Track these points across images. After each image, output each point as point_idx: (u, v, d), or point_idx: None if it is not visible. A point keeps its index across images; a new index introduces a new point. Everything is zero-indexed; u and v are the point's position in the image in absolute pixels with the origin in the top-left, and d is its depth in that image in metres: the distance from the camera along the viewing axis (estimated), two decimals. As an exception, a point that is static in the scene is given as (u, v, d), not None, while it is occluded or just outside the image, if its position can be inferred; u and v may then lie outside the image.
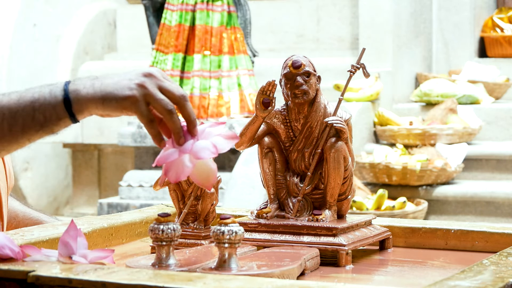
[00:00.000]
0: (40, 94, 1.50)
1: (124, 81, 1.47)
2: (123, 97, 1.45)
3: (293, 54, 1.75)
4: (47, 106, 1.49)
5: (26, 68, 7.03)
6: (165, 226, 1.46)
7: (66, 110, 1.49)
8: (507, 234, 1.77)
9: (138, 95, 1.45)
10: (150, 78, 1.47)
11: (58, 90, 1.50)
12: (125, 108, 1.46)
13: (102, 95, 1.47)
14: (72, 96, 1.48)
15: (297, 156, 1.74)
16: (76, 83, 1.50)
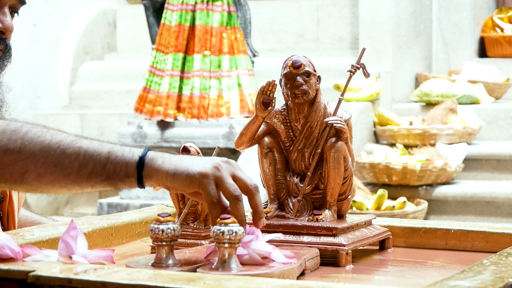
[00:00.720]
0: (120, 148, 1.53)
1: (201, 161, 1.51)
2: (195, 172, 1.48)
3: (293, 54, 1.75)
4: (121, 160, 1.51)
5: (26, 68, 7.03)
6: (165, 226, 1.46)
7: (136, 171, 1.51)
8: (507, 234, 1.77)
9: (210, 173, 1.48)
10: (227, 164, 1.51)
11: (137, 151, 1.53)
12: (194, 183, 1.49)
13: (176, 168, 1.49)
14: (147, 161, 1.51)
15: (297, 156, 1.74)
16: (156, 152, 1.53)
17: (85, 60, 7.49)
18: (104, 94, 7.13)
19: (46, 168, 1.51)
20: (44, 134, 1.52)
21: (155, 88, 5.77)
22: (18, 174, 1.52)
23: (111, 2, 7.78)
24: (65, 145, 1.52)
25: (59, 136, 1.52)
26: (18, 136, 1.52)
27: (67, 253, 1.43)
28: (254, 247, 1.48)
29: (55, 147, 1.51)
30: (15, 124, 1.54)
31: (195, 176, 1.48)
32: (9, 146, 1.51)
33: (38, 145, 1.51)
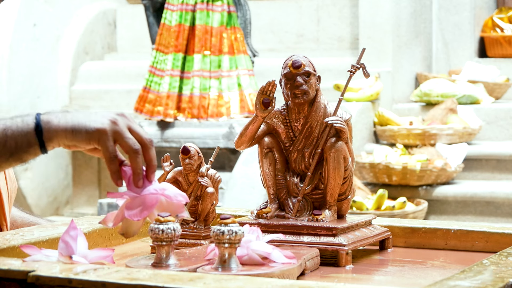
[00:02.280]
0: (13, 122, 1.53)
1: (96, 116, 1.51)
2: (93, 129, 1.49)
3: (293, 54, 1.75)
4: (19, 133, 1.52)
5: (26, 68, 7.03)
6: (165, 226, 1.46)
7: (36, 138, 1.51)
8: (507, 234, 1.77)
9: (108, 129, 1.49)
10: (122, 117, 1.51)
11: (30, 118, 1.53)
12: (93, 139, 1.49)
13: (73, 125, 1.50)
14: (43, 124, 1.52)
15: (297, 156, 1.74)
16: (49, 114, 1.54)
17: (85, 60, 7.49)
18: (104, 94, 7.13)
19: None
20: None
21: (155, 88, 5.77)
22: None
23: (111, 2, 7.78)
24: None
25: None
26: None
27: (67, 253, 1.43)
28: (254, 247, 1.48)
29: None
30: None
31: (93, 133, 1.49)
32: None
33: None
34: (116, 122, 1.50)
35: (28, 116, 1.53)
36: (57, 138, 1.52)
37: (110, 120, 1.50)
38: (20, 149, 1.52)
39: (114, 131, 1.49)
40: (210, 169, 1.76)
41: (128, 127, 1.51)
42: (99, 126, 1.49)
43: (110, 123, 1.50)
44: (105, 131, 1.49)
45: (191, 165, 1.74)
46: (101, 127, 1.49)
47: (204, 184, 1.74)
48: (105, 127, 1.49)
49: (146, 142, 1.52)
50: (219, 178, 1.76)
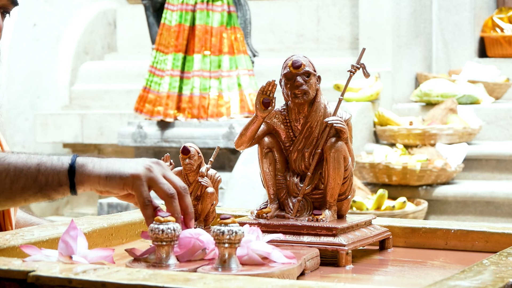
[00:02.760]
0: (48, 159, 1.54)
1: (131, 163, 1.53)
2: (127, 174, 1.51)
3: (293, 54, 1.75)
4: (51, 170, 1.53)
5: (26, 68, 7.03)
6: (165, 226, 1.46)
7: (68, 178, 1.52)
8: (507, 234, 1.77)
9: (142, 175, 1.50)
10: (157, 165, 1.53)
11: (66, 158, 1.54)
12: (127, 185, 1.51)
13: (108, 172, 1.52)
14: (78, 167, 1.53)
15: (297, 156, 1.74)
16: (85, 158, 1.55)
17: (85, 60, 7.49)
18: (104, 94, 7.13)
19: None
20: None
21: (155, 88, 5.77)
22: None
23: (111, 2, 7.78)
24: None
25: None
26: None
27: (67, 253, 1.43)
28: (254, 247, 1.48)
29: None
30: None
31: (128, 178, 1.50)
32: None
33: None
34: (151, 169, 1.52)
35: (65, 156, 1.54)
36: (89, 183, 1.53)
37: (144, 166, 1.52)
38: (50, 186, 1.53)
39: (148, 177, 1.51)
40: (210, 169, 1.76)
41: (163, 175, 1.53)
42: (133, 172, 1.51)
43: (145, 169, 1.51)
44: (139, 177, 1.50)
45: (191, 165, 1.74)
46: (135, 172, 1.51)
47: (204, 184, 1.74)
48: (140, 173, 1.51)
49: (180, 190, 1.54)
50: (219, 178, 1.76)
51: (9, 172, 1.53)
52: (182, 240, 1.50)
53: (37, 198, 1.54)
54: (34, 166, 1.53)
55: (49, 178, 1.53)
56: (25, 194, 1.54)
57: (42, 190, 1.53)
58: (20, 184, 1.53)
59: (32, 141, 6.98)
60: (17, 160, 1.53)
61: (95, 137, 6.85)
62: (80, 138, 6.89)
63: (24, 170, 1.53)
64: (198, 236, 1.52)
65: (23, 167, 1.53)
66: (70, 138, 6.89)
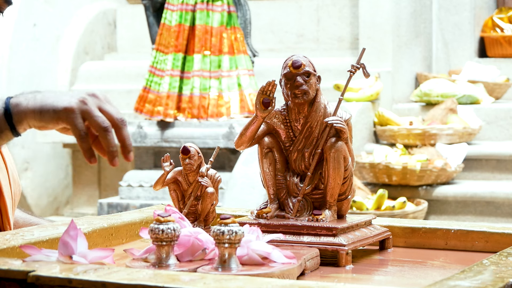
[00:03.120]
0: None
1: (66, 96, 1.49)
2: (61, 108, 1.47)
3: (293, 54, 1.75)
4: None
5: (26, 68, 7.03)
6: (165, 226, 1.46)
7: (6, 122, 1.50)
8: (507, 234, 1.77)
9: (76, 107, 1.47)
10: (93, 97, 1.49)
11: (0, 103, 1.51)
12: (61, 119, 1.48)
13: (41, 105, 1.49)
14: (12, 107, 1.50)
15: (297, 156, 1.74)
16: (18, 96, 1.52)
17: (85, 60, 7.49)
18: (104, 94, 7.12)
19: None
20: None
21: (155, 88, 5.77)
22: None
23: (111, 2, 7.78)
24: None
25: None
26: None
27: (67, 253, 1.43)
28: (254, 247, 1.48)
29: None
30: None
31: (61, 111, 1.47)
32: None
33: None
34: (85, 101, 1.48)
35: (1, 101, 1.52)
36: (26, 120, 1.50)
37: (79, 99, 1.48)
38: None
39: (82, 110, 1.47)
40: (210, 169, 1.76)
41: (98, 107, 1.49)
42: (66, 105, 1.47)
43: (79, 102, 1.48)
44: (72, 110, 1.47)
45: (191, 165, 1.74)
46: (68, 105, 1.47)
47: (204, 184, 1.73)
48: (73, 106, 1.47)
49: (117, 122, 1.49)
50: (219, 178, 1.76)
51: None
52: (181, 239, 1.50)
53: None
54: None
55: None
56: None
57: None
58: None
59: (32, 141, 6.99)
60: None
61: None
62: (80, 138, 6.87)
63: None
64: (197, 235, 1.52)
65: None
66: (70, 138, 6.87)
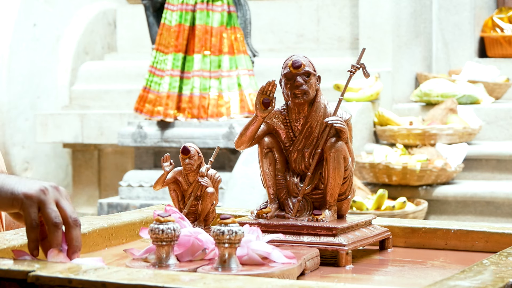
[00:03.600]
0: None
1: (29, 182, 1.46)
2: (20, 192, 1.44)
3: (293, 54, 1.75)
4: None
5: (26, 68, 7.03)
6: (165, 226, 1.46)
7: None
8: (507, 234, 1.77)
9: (34, 195, 1.43)
10: (54, 190, 1.46)
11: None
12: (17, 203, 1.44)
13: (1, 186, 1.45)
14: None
15: (297, 156, 1.74)
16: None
17: (85, 60, 7.49)
18: (104, 94, 7.13)
19: None
20: None
21: (155, 88, 5.77)
22: None
23: (111, 2, 7.78)
24: None
25: None
26: None
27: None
28: (254, 247, 1.48)
29: None
30: None
31: (18, 196, 1.44)
32: None
33: None
34: (45, 192, 1.44)
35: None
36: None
37: (40, 188, 1.44)
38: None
39: (39, 199, 1.43)
40: (210, 169, 1.76)
41: (56, 201, 1.45)
42: (26, 191, 1.44)
43: (39, 191, 1.44)
44: (30, 197, 1.43)
45: (191, 165, 1.74)
46: (27, 192, 1.43)
47: (204, 184, 1.73)
48: (32, 193, 1.43)
49: (69, 221, 1.45)
50: (219, 178, 1.76)
51: None
52: (181, 239, 1.50)
53: None
54: None
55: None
56: None
57: None
58: None
59: (32, 141, 6.99)
60: None
61: (95, 137, 6.85)
62: (80, 138, 6.89)
63: None
64: (197, 235, 1.52)
65: None
66: (70, 138, 6.89)
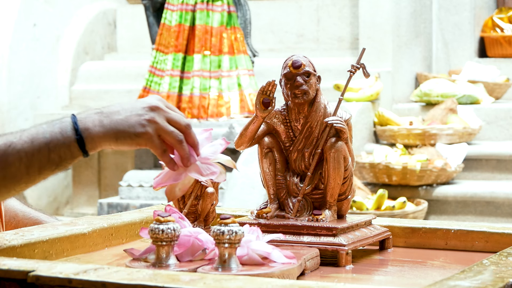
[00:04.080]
0: (52, 135, 1.55)
1: (133, 118, 1.55)
2: (137, 134, 1.54)
3: (293, 54, 1.75)
4: (61, 146, 1.55)
5: (26, 68, 7.03)
6: (165, 226, 1.46)
7: (80, 149, 1.55)
8: (507, 234, 1.77)
9: (151, 131, 1.55)
10: (158, 112, 1.56)
11: (68, 129, 1.55)
12: (140, 144, 1.56)
13: (115, 133, 1.55)
14: (85, 135, 1.55)
15: (297, 156, 1.74)
16: (84, 119, 1.56)
17: (85, 60, 7.49)
18: (104, 94, 7.13)
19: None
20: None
21: (155, 88, 5.77)
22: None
23: (111, 2, 7.78)
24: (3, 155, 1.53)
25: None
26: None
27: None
28: (254, 247, 1.48)
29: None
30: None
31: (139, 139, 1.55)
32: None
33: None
34: (155, 120, 1.55)
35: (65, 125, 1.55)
36: (101, 146, 1.56)
37: (148, 120, 1.55)
38: (65, 160, 1.56)
39: (156, 130, 1.55)
40: (210, 169, 1.76)
41: (167, 119, 1.56)
42: (141, 131, 1.54)
43: (150, 124, 1.55)
44: (149, 135, 1.54)
45: (191, 165, 1.74)
46: (143, 131, 1.54)
47: (204, 184, 1.73)
48: (148, 130, 1.54)
49: (185, 129, 1.58)
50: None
51: (21, 159, 1.54)
52: (181, 239, 1.50)
53: (54, 173, 1.57)
54: (43, 147, 1.54)
55: (61, 154, 1.55)
56: (43, 174, 1.56)
57: (58, 166, 1.56)
58: (36, 167, 1.54)
59: (32, 141, 6.98)
60: (24, 145, 1.54)
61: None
62: (80, 138, 6.87)
63: (35, 153, 1.54)
64: (197, 235, 1.52)
65: (33, 151, 1.54)
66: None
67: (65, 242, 1.69)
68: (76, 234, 1.72)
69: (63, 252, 1.69)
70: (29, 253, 1.61)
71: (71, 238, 1.71)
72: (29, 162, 1.54)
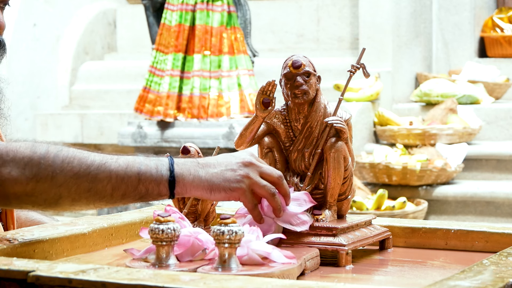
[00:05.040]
0: (147, 168, 1.59)
1: (228, 173, 1.60)
2: (232, 189, 1.60)
3: (293, 54, 1.75)
4: (151, 181, 1.58)
5: (26, 68, 7.03)
6: (165, 226, 1.46)
7: (169, 190, 1.59)
8: (507, 234, 1.77)
9: (245, 187, 1.60)
10: (252, 167, 1.61)
11: (164, 168, 1.59)
12: (233, 197, 1.62)
13: (210, 185, 1.59)
14: (178, 180, 1.58)
15: (297, 156, 1.74)
16: (181, 166, 1.60)
17: (85, 60, 7.49)
18: (104, 94, 7.13)
19: (80, 194, 1.57)
20: (72, 161, 1.56)
21: (155, 88, 5.77)
22: (52, 200, 1.57)
23: (111, 2, 7.78)
24: (95, 170, 1.57)
25: (87, 161, 1.57)
26: (47, 163, 1.56)
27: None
28: (254, 247, 1.48)
29: (86, 173, 1.56)
30: (39, 149, 1.57)
31: (233, 194, 1.60)
32: (41, 175, 1.55)
33: (69, 173, 1.56)
34: (249, 176, 1.60)
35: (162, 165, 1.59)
36: (191, 193, 1.60)
37: (243, 176, 1.59)
38: (150, 195, 1.59)
39: (250, 185, 1.60)
40: (210, 169, 1.76)
41: (260, 174, 1.61)
42: (236, 186, 1.60)
43: (245, 180, 1.59)
44: (242, 190, 1.60)
45: (191, 165, 1.74)
46: (238, 187, 1.60)
47: (204, 184, 1.73)
48: (242, 187, 1.60)
49: (277, 181, 1.62)
50: (219, 178, 1.76)
51: (111, 179, 1.57)
52: (181, 239, 1.50)
53: (135, 202, 1.61)
54: (134, 175, 1.57)
55: (149, 188, 1.58)
56: (125, 200, 1.59)
57: (142, 198, 1.59)
58: (121, 192, 1.58)
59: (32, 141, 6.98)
60: (118, 168, 1.57)
61: (95, 137, 6.85)
62: (80, 138, 6.89)
63: (125, 179, 1.57)
64: (197, 235, 1.52)
65: (124, 176, 1.57)
66: (70, 138, 6.89)
67: (65, 242, 1.69)
68: (76, 234, 1.72)
69: (63, 252, 1.69)
70: (29, 253, 1.60)
71: (71, 238, 1.71)
72: (117, 185, 1.57)
